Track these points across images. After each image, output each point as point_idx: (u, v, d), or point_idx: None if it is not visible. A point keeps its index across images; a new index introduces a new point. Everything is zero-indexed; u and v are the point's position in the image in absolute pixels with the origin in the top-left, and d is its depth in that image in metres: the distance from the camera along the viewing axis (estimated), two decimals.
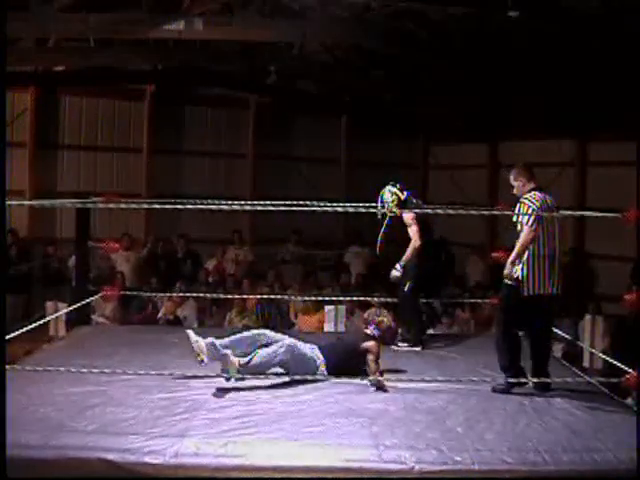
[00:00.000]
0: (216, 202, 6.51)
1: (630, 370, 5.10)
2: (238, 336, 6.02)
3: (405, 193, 7.45)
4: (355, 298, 9.49)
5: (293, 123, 15.29)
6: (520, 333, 5.84)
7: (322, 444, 4.42)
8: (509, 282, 5.64)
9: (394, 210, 7.29)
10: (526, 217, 5.56)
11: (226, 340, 5.90)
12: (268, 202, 7.20)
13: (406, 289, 7.27)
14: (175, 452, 4.25)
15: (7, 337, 5.07)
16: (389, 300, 9.28)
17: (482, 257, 13.07)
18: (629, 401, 5.88)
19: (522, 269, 5.60)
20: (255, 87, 14.00)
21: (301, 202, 7.04)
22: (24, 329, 6.01)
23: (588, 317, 8.60)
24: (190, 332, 5.86)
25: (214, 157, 14.80)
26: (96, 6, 10.38)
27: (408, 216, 7.27)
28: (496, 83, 11.50)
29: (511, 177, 5.98)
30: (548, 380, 5.61)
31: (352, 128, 15.39)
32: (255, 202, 7.98)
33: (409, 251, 7.23)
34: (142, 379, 5.51)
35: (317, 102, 14.72)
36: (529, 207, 5.60)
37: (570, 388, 5.62)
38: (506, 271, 5.64)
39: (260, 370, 5.64)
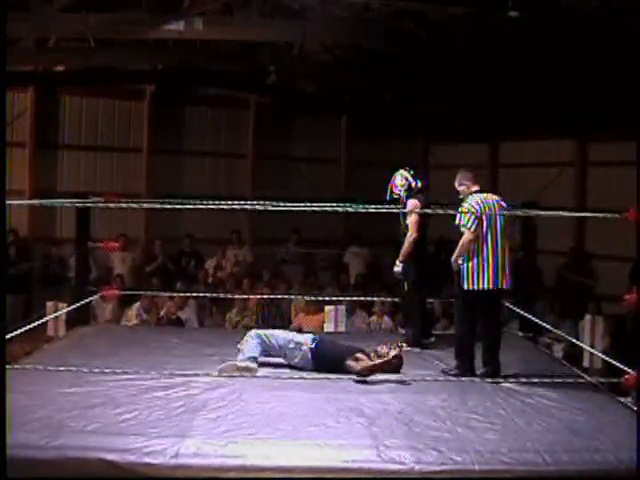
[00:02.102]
0: (216, 202, 6.51)
1: (630, 370, 5.10)
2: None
3: (416, 182, 7.27)
4: (355, 298, 9.49)
5: (293, 123, 15.29)
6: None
7: (322, 444, 4.42)
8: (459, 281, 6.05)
9: (401, 194, 7.21)
10: (465, 219, 5.97)
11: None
12: (268, 202, 7.19)
13: (406, 289, 7.23)
14: (175, 452, 4.25)
15: (7, 337, 5.06)
16: (389, 300, 9.30)
17: None
18: (629, 401, 5.87)
19: (466, 266, 6.00)
20: (255, 87, 13.99)
21: (301, 202, 7.04)
22: (24, 329, 6.00)
23: (588, 317, 8.59)
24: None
25: (214, 157, 14.80)
26: (96, 6, 10.37)
27: (412, 202, 7.11)
28: (496, 83, 11.50)
29: (455, 182, 6.35)
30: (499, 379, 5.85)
31: (352, 128, 15.39)
32: (255, 202, 7.97)
33: (406, 244, 7.05)
34: (142, 379, 5.52)
35: (317, 102, 14.72)
36: (468, 210, 5.97)
37: (570, 388, 5.62)
38: (453, 267, 6.10)
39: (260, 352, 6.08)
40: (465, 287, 6.02)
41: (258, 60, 12.34)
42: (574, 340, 7.70)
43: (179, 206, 7.49)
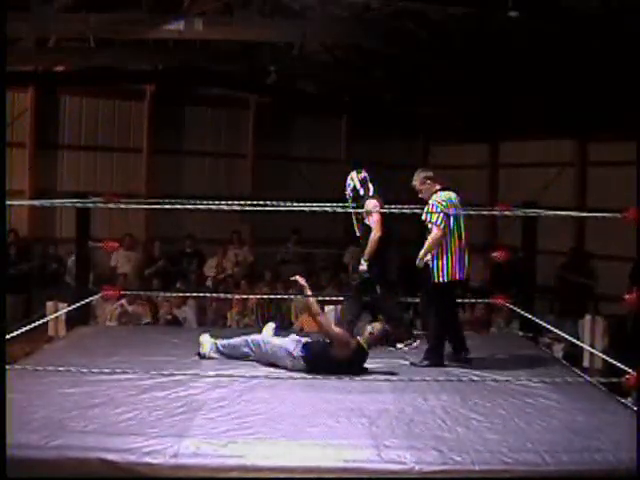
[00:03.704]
0: (216, 202, 6.51)
1: (630, 370, 5.09)
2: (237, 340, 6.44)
3: (361, 185, 7.35)
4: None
5: (293, 123, 15.29)
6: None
7: (322, 444, 4.42)
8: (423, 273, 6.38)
9: (352, 194, 7.38)
10: (434, 217, 6.27)
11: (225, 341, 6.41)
12: (268, 202, 7.19)
13: (379, 292, 7.22)
14: (175, 452, 4.25)
15: (7, 337, 5.06)
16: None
17: (482, 257, 13.07)
18: (629, 401, 5.87)
19: (435, 260, 6.31)
20: (255, 87, 13.99)
21: (301, 202, 7.04)
22: (24, 329, 6.00)
23: (588, 317, 8.61)
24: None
25: (214, 157, 14.80)
26: (96, 6, 10.38)
27: (372, 203, 7.17)
28: (496, 83, 11.51)
29: (416, 183, 6.62)
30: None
31: (352, 128, 15.38)
32: (255, 202, 7.97)
33: (370, 244, 7.09)
34: (142, 379, 5.52)
35: (317, 102, 14.72)
36: (436, 208, 6.28)
37: (570, 388, 5.62)
38: (418, 262, 6.39)
39: (230, 351, 6.36)
40: (439, 280, 6.31)
41: (258, 60, 12.35)
42: (574, 340, 7.70)
43: (179, 206, 7.49)
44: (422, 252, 6.35)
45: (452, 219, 6.34)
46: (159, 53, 12.32)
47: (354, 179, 7.43)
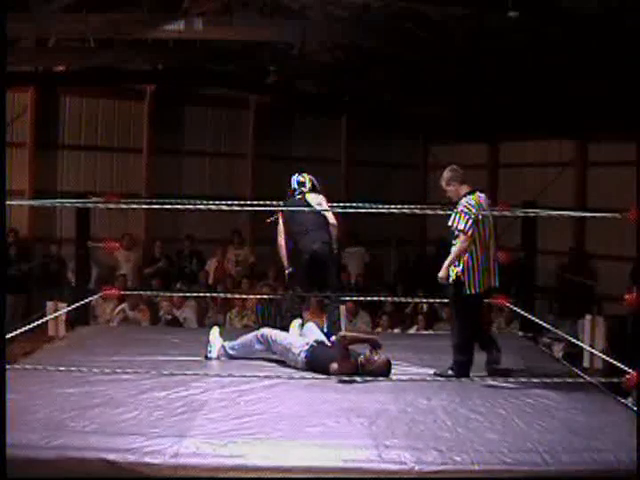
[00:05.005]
0: (216, 202, 6.51)
1: (630, 370, 5.09)
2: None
3: (295, 187, 7.27)
4: (355, 298, 9.48)
5: (293, 123, 15.28)
6: None
7: (322, 444, 4.41)
8: (445, 283, 5.93)
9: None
10: (462, 224, 5.80)
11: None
12: (268, 202, 7.20)
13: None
14: (175, 452, 4.25)
15: (7, 337, 5.06)
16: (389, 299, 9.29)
17: None
18: (629, 401, 5.87)
19: (462, 270, 5.87)
20: (255, 87, 13.98)
21: None
22: (24, 329, 6.01)
23: (588, 317, 8.60)
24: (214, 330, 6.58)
25: (214, 157, 14.79)
26: (96, 6, 10.38)
27: (318, 197, 7.13)
28: (496, 83, 11.50)
29: (443, 182, 6.15)
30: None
31: (352, 128, 15.38)
32: (255, 202, 7.98)
33: (334, 233, 7.06)
34: (142, 379, 5.51)
35: (317, 102, 14.71)
36: (466, 213, 5.81)
37: (570, 388, 5.62)
38: (441, 274, 5.90)
39: (241, 353, 6.39)
40: (470, 292, 5.92)
41: (258, 60, 12.34)
42: (574, 340, 7.70)
43: (179, 206, 7.49)
44: (447, 262, 5.91)
45: (480, 225, 5.89)
46: (159, 53, 12.31)
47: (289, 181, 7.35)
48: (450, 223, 5.91)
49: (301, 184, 7.25)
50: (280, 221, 7.10)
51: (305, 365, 6.08)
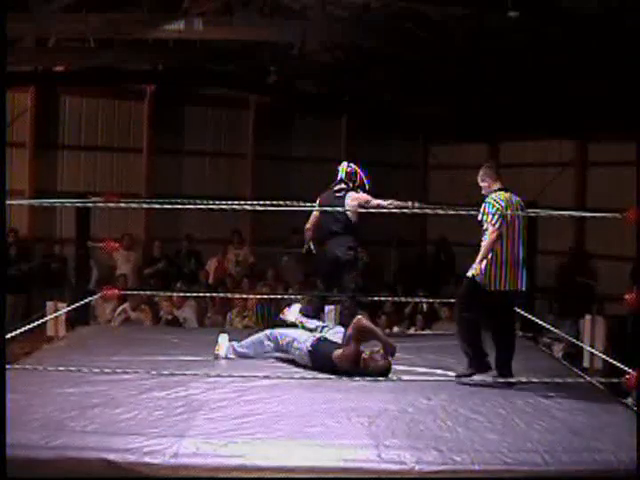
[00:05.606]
0: (216, 202, 6.51)
1: (630, 370, 5.09)
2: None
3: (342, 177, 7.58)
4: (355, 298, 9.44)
5: (293, 123, 15.28)
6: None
7: (322, 444, 4.41)
8: (474, 277, 5.81)
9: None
10: (490, 216, 5.83)
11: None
12: (268, 202, 7.20)
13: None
14: (175, 452, 4.25)
15: (7, 337, 5.06)
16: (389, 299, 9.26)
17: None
18: (629, 401, 5.87)
19: (486, 266, 5.79)
20: (255, 87, 13.99)
21: (301, 202, 7.04)
22: (24, 329, 6.01)
23: (588, 317, 8.59)
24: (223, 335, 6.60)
25: (214, 157, 14.80)
26: (96, 6, 10.38)
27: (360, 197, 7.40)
28: (496, 83, 11.50)
29: (478, 178, 6.30)
30: (512, 380, 5.74)
31: (352, 128, 15.38)
32: (255, 202, 7.98)
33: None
34: (142, 379, 5.52)
35: (317, 102, 14.71)
36: (495, 207, 5.86)
37: (570, 388, 5.62)
38: (474, 271, 5.82)
39: (251, 351, 6.43)
40: (489, 288, 5.82)
41: (258, 60, 12.34)
42: (574, 340, 7.70)
43: (179, 206, 7.49)
44: (479, 257, 5.82)
45: (510, 223, 5.90)
46: (159, 53, 12.31)
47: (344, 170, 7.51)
48: (480, 217, 5.95)
49: (347, 177, 7.30)
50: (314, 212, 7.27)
51: (309, 355, 6.06)
